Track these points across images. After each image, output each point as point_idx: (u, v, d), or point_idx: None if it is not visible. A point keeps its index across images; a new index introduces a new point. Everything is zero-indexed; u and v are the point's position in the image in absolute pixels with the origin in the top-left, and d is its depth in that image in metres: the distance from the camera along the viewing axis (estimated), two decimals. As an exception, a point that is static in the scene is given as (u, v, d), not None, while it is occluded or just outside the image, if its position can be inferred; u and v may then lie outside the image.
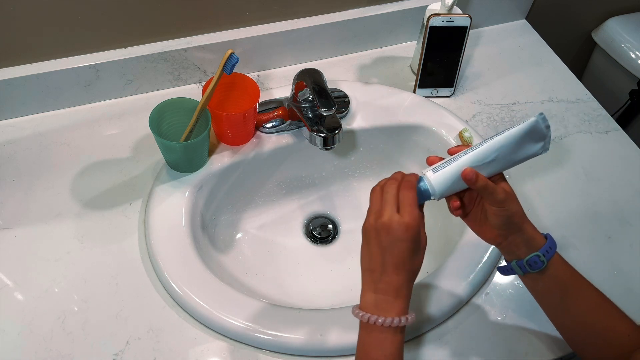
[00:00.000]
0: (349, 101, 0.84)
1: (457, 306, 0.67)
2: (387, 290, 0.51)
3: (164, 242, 0.68)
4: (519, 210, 0.54)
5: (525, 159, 0.55)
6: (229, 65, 0.67)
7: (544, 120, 0.53)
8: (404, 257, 0.51)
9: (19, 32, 0.72)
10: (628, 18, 1.17)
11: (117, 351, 0.61)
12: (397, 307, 0.51)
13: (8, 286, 0.65)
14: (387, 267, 0.51)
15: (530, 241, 0.55)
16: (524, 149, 0.54)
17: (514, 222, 0.54)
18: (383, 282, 0.51)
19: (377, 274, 0.52)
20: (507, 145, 0.53)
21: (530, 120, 0.52)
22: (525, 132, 0.53)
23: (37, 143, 0.78)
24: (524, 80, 0.95)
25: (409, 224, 0.50)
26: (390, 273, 0.51)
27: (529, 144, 0.54)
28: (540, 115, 0.53)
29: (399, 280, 0.51)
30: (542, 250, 0.54)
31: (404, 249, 0.51)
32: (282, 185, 0.86)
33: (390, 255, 0.51)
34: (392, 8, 0.90)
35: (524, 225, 0.55)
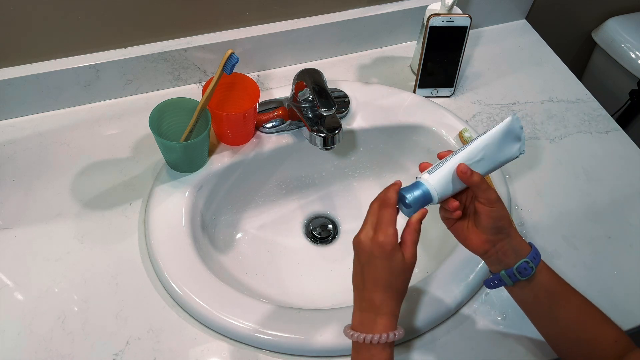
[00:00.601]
0: (349, 101, 0.84)
1: (457, 307, 0.67)
2: (369, 308, 0.52)
3: (164, 242, 0.68)
4: (507, 215, 0.54)
5: (506, 161, 0.56)
6: (229, 65, 0.67)
7: (517, 120, 0.55)
8: (380, 274, 0.52)
9: (19, 32, 0.72)
10: (628, 18, 1.17)
11: (117, 351, 0.61)
12: (381, 324, 0.51)
13: (8, 286, 0.65)
14: (366, 284, 0.53)
15: (517, 248, 0.54)
16: (505, 149, 0.55)
17: (503, 225, 0.54)
18: (365, 299, 0.53)
19: (359, 290, 0.54)
20: (491, 144, 0.55)
21: (507, 120, 0.55)
22: (504, 130, 0.55)
23: (37, 143, 0.78)
24: (524, 80, 0.95)
25: (382, 242, 0.51)
26: (369, 290, 0.52)
27: (509, 144, 0.55)
28: (514, 115, 0.55)
29: (378, 297, 0.52)
30: (529, 257, 0.54)
31: (378, 266, 0.52)
32: (282, 185, 0.86)
33: (367, 272, 0.52)
34: (392, 8, 0.90)
35: (512, 231, 0.54)
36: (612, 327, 0.55)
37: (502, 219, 0.54)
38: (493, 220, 0.53)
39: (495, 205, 0.53)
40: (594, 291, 0.70)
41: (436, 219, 0.83)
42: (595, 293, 0.70)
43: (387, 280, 0.52)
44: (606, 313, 0.56)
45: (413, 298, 0.66)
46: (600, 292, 0.71)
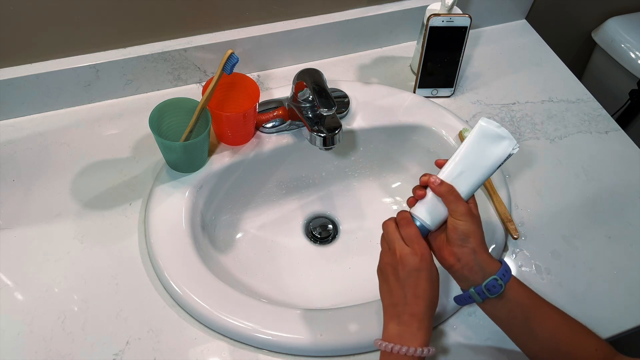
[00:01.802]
0: (349, 101, 0.84)
1: (457, 306, 0.67)
2: (410, 322, 0.53)
3: (164, 242, 0.68)
4: (475, 230, 0.54)
5: (498, 163, 0.56)
6: (229, 65, 0.67)
7: (489, 122, 0.55)
8: (423, 286, 0.53)
9: (19, 32, 0.72)
10: (628, 18, 1.17)
11: (117, 351, 0.61)
12: (420, 339, 0.52)
13: (8, 286, 0.65)
14: (408, 299, 0.53)
15: (483, 265, 0.54)
16: (489, 154, 0.56)
17: (468, 240, 0.54)
18: (406, 313, 0.53)
19: (401, 306, 0.53)
20: (467, 155, 0.56)
21: (476, 128, 0.56)
22: (476, 139, 0.56)
23: (37, 143, 0.78)
24: (524, 80, 0.95)
25: (422, 253, 0.54)
26: (412, 304, 0.53)
27: (490, 148, 0.56)
28: (482, 119, 0.56)
29: (420, 310, 0.53)
30: (498, 274, 0.54)
31: (421, 278, 0.53)
32: (282, 185, 0.86)
33: (409, 287, 0.53)
34: (392, 8, 0.90)
35: (479, 249, 0.54)
36: (591, 337, 0.55)
37: (468, 234, 0.54)
38: (457, 232, 0.54)
39: (462, 218, 0.54)
40: (594, 291, 0.71)
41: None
42: (595, 293, 0.70)
43: (429, 292, 0.54)
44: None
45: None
46: (600, 292, 0.71)
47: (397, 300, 0.54)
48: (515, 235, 0.74)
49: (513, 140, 0.56)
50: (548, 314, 0.55)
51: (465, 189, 0.56)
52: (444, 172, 0.57)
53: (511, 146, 0.55)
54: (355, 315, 0.64)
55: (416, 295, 0.53)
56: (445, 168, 0.57)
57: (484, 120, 0.56)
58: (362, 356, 0.63)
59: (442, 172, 0.57)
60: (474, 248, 0.54)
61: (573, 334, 0.55)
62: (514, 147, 0.55)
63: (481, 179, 0.56)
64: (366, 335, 0.62)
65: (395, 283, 0.54)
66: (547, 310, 0.56)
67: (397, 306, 0.54)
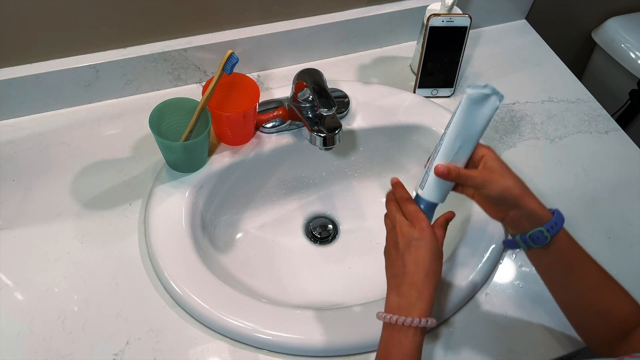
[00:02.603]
0: (349, 101, 0.84)
1: (457, 306, 0.67)
2: (409, 291, 0.53)
3: (164, 242, 0.68)
4: (510, 185, 0.54)
5: (489, 121, 0.56)
6: (229, 65, 0.67)
7: (474, 88, 0.54)
8: (421, 255, 0.54)
9: (19, 32, 0.72)
10: (628, 18, 1.17)
11: (117, 351, 0.61)
12: (419, 308, 0.52)
13: (8, 286, 0.65)
14: (407, 268, 0.54)
15: (532, 216, 0.54)
16: (480, 117, 0.56)
17: (507, 198, 0.54)
18: (405, 283, 0.53)
19: (399, 276, 0.54)
20: (462, 128, 0.56)
21: (464, 100, 0.55)
22: (467, 109, 0.55)
23: (37, 143, 0.78)
24: (524, 80, 0.95)
25: (421, 225, 0.55)
26: (410, 273, 0.53)
27: (479, 111, 0.55)
28: (469, 88, 0.55)
29: (420, 278, 0.53)
30: (546, 226, 0.54)
31: (420, 247, 0.54)
32: (282, 185, 0.86)
33: (408, 255, 0.54)
34: (392, 8, 0.90)
35: (523, 201, 0.54)
36: (628, 300, 0.55)
37: (504, 192, 0.54)
38: (491, 199, 0.55)
39: (485, 187, 0.54)
40: (594, 291, 0.70)
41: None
42: (595, 293, 0.70)
43: (428, 261, 0.53)
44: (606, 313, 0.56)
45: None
46: (600, 292, 0.71)
47: (397, 271, 0.54)
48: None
49: (498, 92, 0.55)
50: (588, 273, 0.55)
51: (466, 159, 0.57)
52: (444, 154, 0.56)
53: (497, 100, 0.55)
54: (355, 315, 0.64)
55: (415, 264, 0.53)
56: (443, 148, 0.56)
57: (471, 88, 0.55)
58: (362, 356, 0.63)
59: (441, 153, 0.56)
60: (516, 202, 0.54)
61: (609, 296, 0.55)
62: (500, 99, 0.55)
63: (477, 142, 0.57)
64: (366, 335, 0.62)
65: (395, 255, 0.55)
66: (588, 268, 0.56)
67: (396, 277, 0.54)
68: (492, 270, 0.71)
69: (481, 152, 0.56)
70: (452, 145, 0.56)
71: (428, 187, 0.58)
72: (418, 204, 0.59)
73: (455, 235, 0.76)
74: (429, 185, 0.58)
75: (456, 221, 0.78)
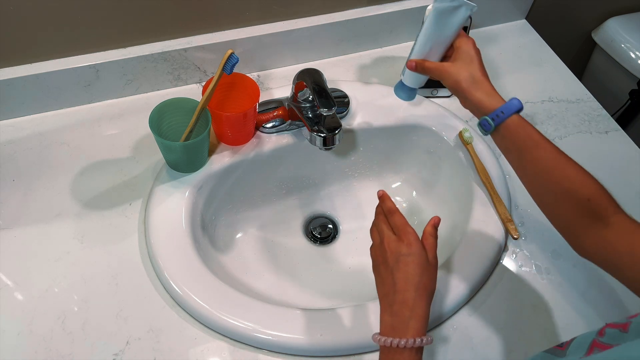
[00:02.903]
0: (349, 101, 0.84)
1: (457, 306, 0.67)
2: (401, 311, 0.52)
3: (164, 242, 0.68)
4: (460, 79, 0.61)
5: (460, 25, 0.63)
6: (229, 65, 0.67)
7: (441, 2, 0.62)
8: (410, 271, 0.53)
9: (19, 32, 0.72)
10: (628, 18, 1.17)
11: (117, 351, 0.61)
12: (413, 328, 0.51)
13: (8, 286, 0.65)
14: (398, 286, 0.52)
15: (479, 107, 0.60)
16: (450, 24, 0.63)
17: (457, 90, 0.62)
18: (397, 302, 0.52)
19: (391, 295, 0.53)
20: (432, 34, 0.64)
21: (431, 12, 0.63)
22: (435, 19, 0.63)
23: (37, 143, 0.78)
24: (524, 80, 0.95)
25: (409, 239, 0.54)
26: (401, 291, 0.52)
27: (451, 19, 0.63)
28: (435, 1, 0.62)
29: (410, 296, 0.52)
30: (491, 115, 0.59)
31: (409, 262, 0.53)
32: (282, 185, 0.86)
33: (398, 272, 0.53)
34: (392, 8, 0.90)
35: (470, 93, 0.60)
36: (588, 187, 0.55)
37: (451, 87, 0.63)
38: (447, 86, 0.63)
39: (442, 79, 0.63)
40: (594, 291, 0.70)
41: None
42: (596, 293, 0.70)
43: (417, 276, 0.52)
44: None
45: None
46: (600, 292, 0.70)
47: (388, 290, 0.53)
48: (515, 235, 0.74)
49: (469, 3, 0.62)
50: (540, 156, 0.57)
51: (439, 55, 0.66)
52: (414, 55, 0.67)
53: (469, 9, 0.62)
54: (355, 315, 0.64)
55: (405, 280, 0.52)
56: (416, 49, 0.66)
57: (437, 1, 0.62)
58: (362, 356, 0.63)
59: (416, 52, 0.66)
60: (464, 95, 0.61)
61: (562, 179, 0.56)
62: (472, 8, 0.62)
63: (449, 42, 0.65)
64: (366, 335, 0.62)
65: (385, 272, 0.54)
66: (541, 152, 0.57)
67: (387, 296, 0.53)
68: (492, 270, 0.71)
69: (458, 44, 0.64)
70: (424, 47, 0.66)
71: (407, 76, 0.70)
72: (402, 88, 0.72)
73: (455, 235, 0.76)
74: (407, 74, 0.69)
75: (456, 221, 0.78)
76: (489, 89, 0.61)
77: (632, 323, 0.42)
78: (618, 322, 0.44)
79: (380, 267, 0.55)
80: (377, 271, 0.56)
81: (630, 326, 0.42)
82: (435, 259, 0.56)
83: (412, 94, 0.74)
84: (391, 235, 0.56)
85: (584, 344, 0.45)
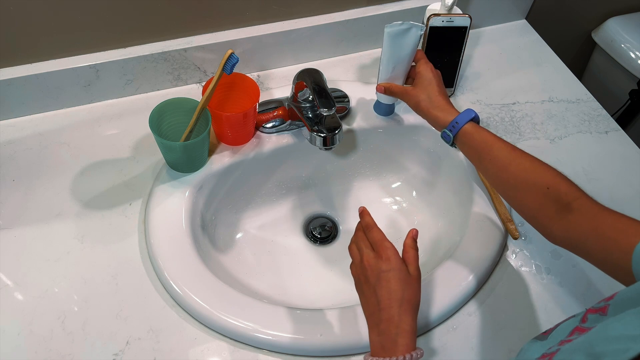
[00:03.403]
0: (349, 101, 0.84)
1: (457, 306, 0.67)
2: (387, 329, 0.52)
3: (164, 242, 0.68)
4: (419, 100, 0.69)
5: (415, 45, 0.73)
6: (229, 65, 0.67)
7: (391, 26, 0.71)
8: (393, 286, 0.53)
9: (19, 32, 0.72)
10: (628, 18, 1.17)
11: (117, 351, 0.61)
12: (402, 345, 0.51)
13: (8, 286, 0.65)
14: (382, 304, 0.53)
15: (437, 122, 0.67)
16: (405, 45, 0.72)
17: (418, 110, 0.70)
18: (383, 321, 0.52)
19: (376, 314, 0.53)
20: (391, 54, 0.73)
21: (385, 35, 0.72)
22: (389, 42, 0.72)
23: (37, 143, 0.78)
24: (524, 80, 0.95)
25: (387, 255, 0.55)
26: (385, 309, 0.52)
27: (404, 40, 0.72)
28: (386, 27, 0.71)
29: (394, 313, 0.52)
30: (448, 127, 0.65)
31: (390, 278, 0.53)
32: (282, 185, 0.86)
33: (380, 289, 0.53)
34: (392, 8, 0.90)
35: (429, 112, 0.68)
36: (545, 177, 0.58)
37: (413, 108, 0.71)
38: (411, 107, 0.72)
39: (405, 101, 0.73)
40: (593, 291, 0.70)
41: (435, 220, 0.83)
42: (596, 293, 0.70)
43: (400, 291, 0.53)
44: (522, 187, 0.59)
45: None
46: (600, 292, 0.70)
47: (373, 309, 0.54)
48: (515, 235, 0.74)
49: (418, 25, 0.71)
50: (496, 155, 0.62)
51: (403, 75, 0.76)
52: (382, 77, 0.76)
53: (419, 29, 0.71)
54: (355, 315, 0.64)
55: (389, 297, 0.52)
56: (381, 70, 0.75)
57: (388, 26, 0.71)
58: (362, 356, 0.63)
59: (381, 77, 0.76)
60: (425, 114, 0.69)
61: (519, 172, 0.60)
62: (421, 30, 0.71)
63: (409, 62, 0.75)
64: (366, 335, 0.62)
65: (368, 290, 0.55)
66: (496, 152, 0.62)
67: (373, 315, 0.53)
68: (492, 271, 0.71)
69: (418, 69, 0.72)
70: (387, 67, 0.75)
71: (380, 96, 0.80)
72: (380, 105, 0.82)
73: (455, 235, 0.76)
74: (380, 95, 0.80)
75: (456, 221, 0.78)
76: (444, 105, 0.68)
77: (610, 305, 0.43)
78: (597, 307, 0.45)
79: (363, 286, 0.56)
80: (360, 290, 0.57)
81: (609, 309, 0.43)
82: (418, 270, 0.56)
83: (390, 109, 0.83)
84: (370, 252, 0.56)
85: (567, 329, 0.46)
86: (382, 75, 0.76)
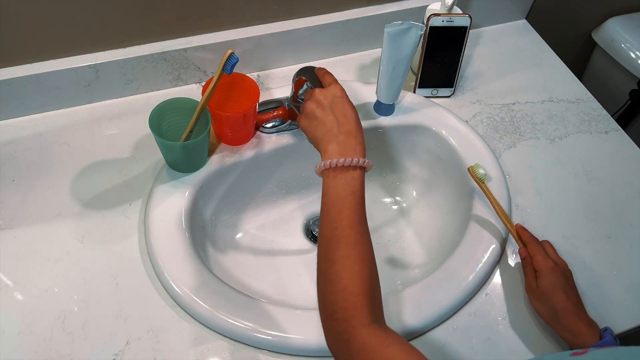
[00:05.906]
0: (349, 101, 0.84)
1: (458, 306, 0.67)
2: (347, 139, 0.57)
3: (164, 242, 0.68)
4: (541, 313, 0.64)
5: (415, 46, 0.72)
6: (229, 65, 0.67)
7: (391, 26, 0.70)
8: (348, 107, 0.60)
9: (19, 32, 0.72)
10: (628, 18, 1.17)
11: (117, 351, 0.61)
12: (360, 152, 0.57)
13: (8, 286, 0.65)
14: (340, 120, 0.59)
15: (577, 336, 0.60)
16: (405, 45, 0.72)
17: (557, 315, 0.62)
18: (342, 133, 0.58)
19: (335, 129, 0.58)
20: (390, 55, 0.73)
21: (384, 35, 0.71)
22: (389, 42, 0.72)
23: (37, 143, 0.78)
24: (524, 80, 0.95)
25: (339, 87, 0.62)
26: (344, 124, 0.58)
27: (404, 41, 0.71)
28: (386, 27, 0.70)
29: (353, 127, 0.58)
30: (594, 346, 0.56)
31: (344, 102, 0.60)
32: (282, 185, 0.86)
33: (336, 110, 0.59)
34: (392, 8, 0.90)
35: (568, 320, 0.61)
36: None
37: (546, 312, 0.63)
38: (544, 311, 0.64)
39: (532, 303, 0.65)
40: (593, 291, 0.70)
41: (436, 218, 0.83)
42: (596, 293, 0.70)
43: (354, 111, 0.60)
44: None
45: (413, 296, 0.66)
46: (600, 292, 0.71)
47: (331, 125, 0.59)
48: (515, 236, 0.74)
49: (418, 25, 0.70)
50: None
51: (402, 76, 0.76)
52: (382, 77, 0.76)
53: (419, 29, 0.70)
54: (355, 315, 0.64)
55: (345, 115, 0.59)
56: (381, 77, 0.76)
57: (388, 26, 0.70)
58: (362, 356, 0.63)
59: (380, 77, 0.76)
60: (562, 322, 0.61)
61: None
62: (421, 30, 0.70)
63: (410, 62, 0.74)
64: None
65: (323, 113, 0.60)
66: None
67: (331, 130, 0.58)
68: (492, 271, 0.71)
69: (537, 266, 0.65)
70: (387, 67, 0.75)
71: (381, 94, 0.79)
72: (380, 105, 0.81)
73: (455, 235, 0.76)
74: (382, 92, 0.79)
75: (456, 221, 0.78)
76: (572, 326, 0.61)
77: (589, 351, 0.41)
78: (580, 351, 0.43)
79: (316, 111, 0.60)
80: (312, 117, 0.61)
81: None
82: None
83: (390, 109, 0.82)
84: (319, 87, 0.62)
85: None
86: (382, 75, 0.76)
